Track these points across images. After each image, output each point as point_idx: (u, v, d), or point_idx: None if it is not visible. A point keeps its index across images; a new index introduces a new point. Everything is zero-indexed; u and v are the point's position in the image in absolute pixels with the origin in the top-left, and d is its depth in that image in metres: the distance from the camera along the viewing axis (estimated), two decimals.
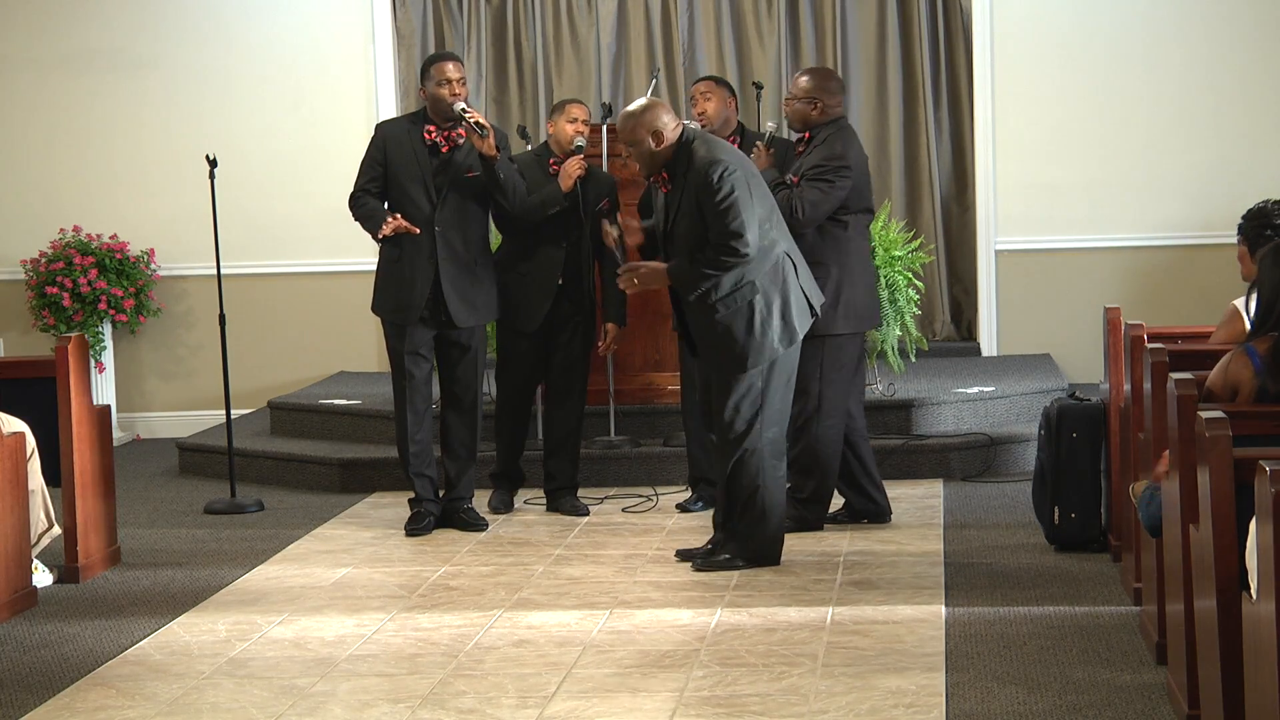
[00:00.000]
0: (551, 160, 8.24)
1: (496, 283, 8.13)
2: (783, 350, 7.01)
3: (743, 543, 7.08)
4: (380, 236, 7.85)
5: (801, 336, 7.08)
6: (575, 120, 8.24)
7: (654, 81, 9.29)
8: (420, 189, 7.89)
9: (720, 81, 8.32)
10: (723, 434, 7.06)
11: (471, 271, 7.95)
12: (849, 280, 7.61)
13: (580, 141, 8.20)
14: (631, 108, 7.11)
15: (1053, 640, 5.99)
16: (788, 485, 7.40)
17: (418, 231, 7.83)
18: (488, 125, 7.81)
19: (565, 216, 8.13)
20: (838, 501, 7.92)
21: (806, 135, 7.70)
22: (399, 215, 7.83)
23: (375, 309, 8.13)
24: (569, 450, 8.36)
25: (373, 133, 8.12)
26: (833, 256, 7.59)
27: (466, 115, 7.79)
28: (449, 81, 7.86)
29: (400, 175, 7.90)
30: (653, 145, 6.99)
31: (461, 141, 7.91)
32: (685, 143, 7.02)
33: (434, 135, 7.91)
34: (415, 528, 7.97)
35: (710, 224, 6.90)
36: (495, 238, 8.42)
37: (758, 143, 7.86)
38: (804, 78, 7.77)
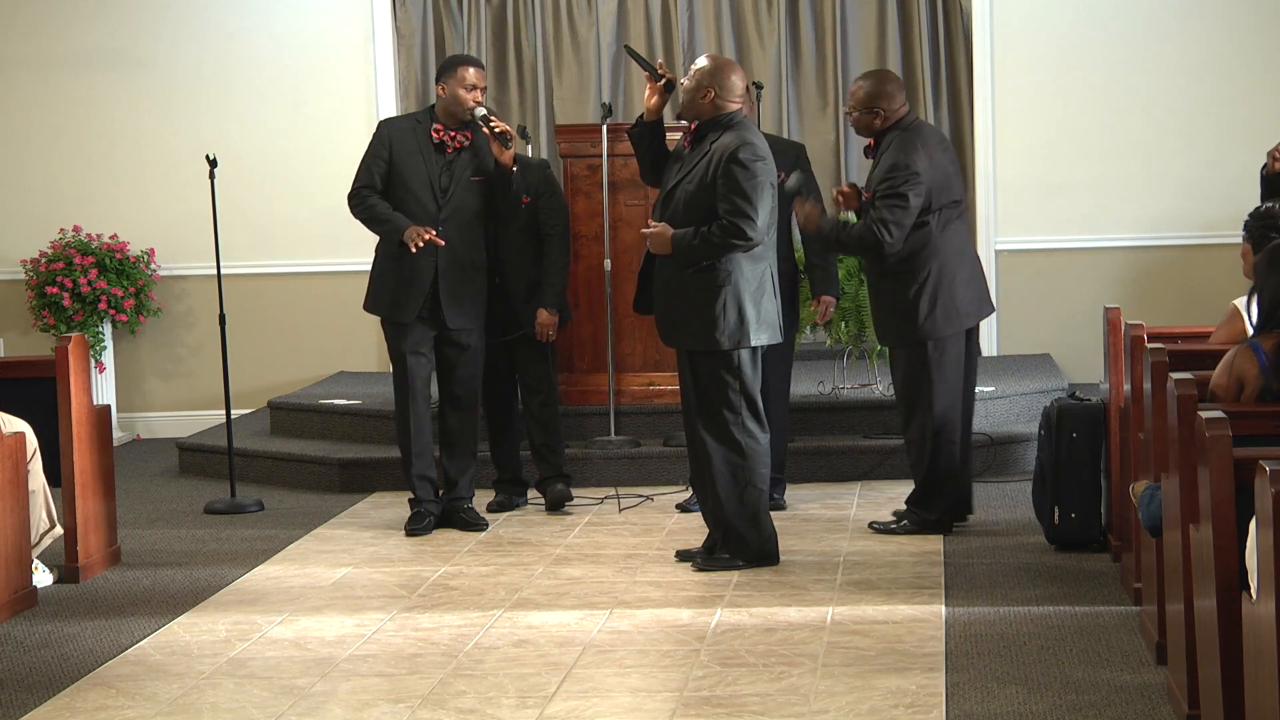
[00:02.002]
0: None
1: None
2: (728, 346, 7.00)
3: (741, 543, 7.09)
4: (415, 249, 7.77)
5: (755, 345, 7.04)
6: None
7: None
8: (425, 188, 7.88)
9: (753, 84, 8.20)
10: (689, 417, 7.16)
11: (467, 273, 7.95)
12: (944, 280, 7.51)
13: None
14: (712, 57, 7.25)
15: (1053, 640, 5.98)
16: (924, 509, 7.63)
17: (443, 244, 7.83)
18: (512, 134, 7.81)
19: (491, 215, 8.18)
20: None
21: (872, 143, 7.62)
22: (432, 231, 7.78)
23: (370, 308, 8.11)
24: (549, 445, 8.35)
25: (375, 129, 8.10)
26: (924, 260, 7.48)
27: (492, 123, 7.78)
28: (475, 88, 7.85)
29: (405, 173, 7.88)
30: (702, 94, 7.06)
31: (468, 144, 7.90)
32: (729, 118, 7.05)
33: (441, 134, 7.90)
34: (415, 527, 7.97)
35: (723, 199, 6.91)
36: None
37: (796, 197, 7.67)
38: (860, 84, 7.62)
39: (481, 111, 7.84)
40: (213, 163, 8.80)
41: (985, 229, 11.04)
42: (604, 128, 8.91)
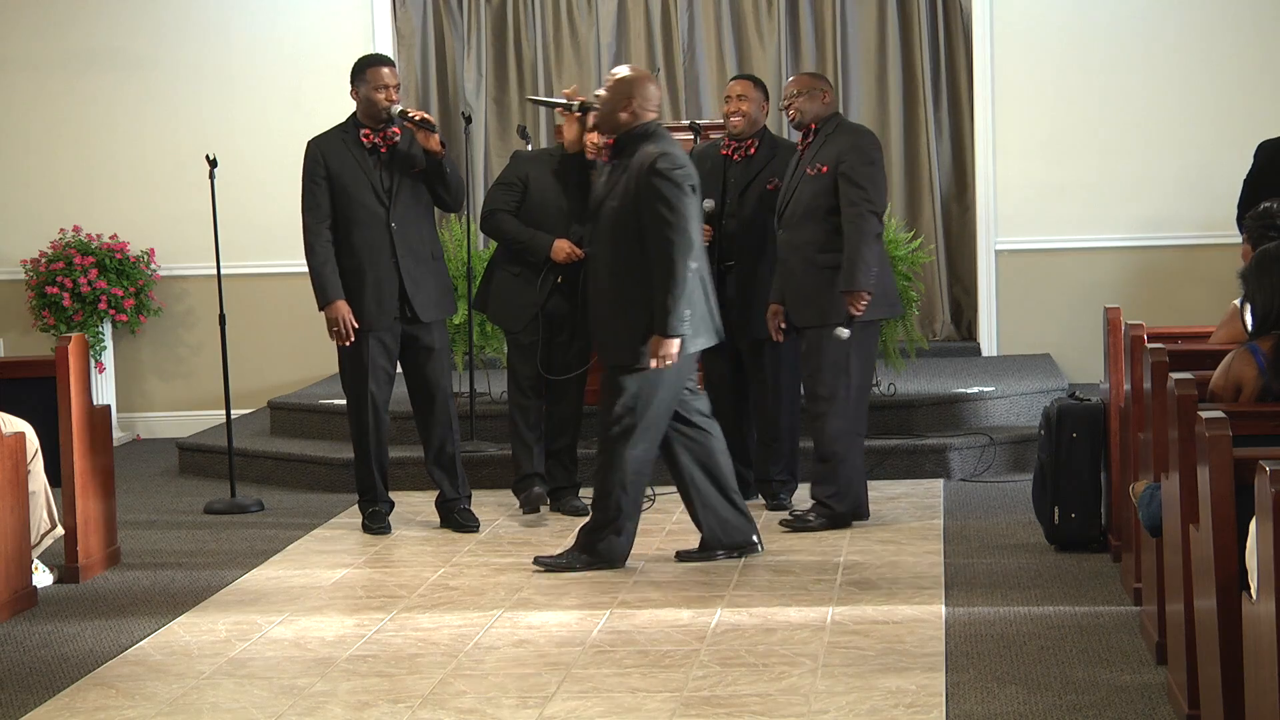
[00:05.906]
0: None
1: (492, 281, 8.19)
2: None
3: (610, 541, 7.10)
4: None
5: (692, 351, 7.01)
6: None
7: None
8: (369, 193, 7.85)
9: (757, 83, 8.17)
10: (602, 433, 7.10)
11: (429, 265, 7.96)
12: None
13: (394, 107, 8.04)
14: (631, 68, 7.23)
15: (1053, 640, 5.99)
16: (826, 494, 7.70)
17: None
18: (433, 120, 7.83)
19: (568, 214, 8.09)
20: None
21: (813, 126, 7.72)
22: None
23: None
24: (567, 451, 8.34)
25: (305, 151, 7.97)
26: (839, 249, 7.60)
27: (410, 115, 7.79)
28: (386, 87, 7.84)
29: (347, 184, 7.85)
30: (620, 105, 7.01)
31: (397, 140, 7.89)
32: (644, 130, 7.02)
33: (372, 138, 7.89)
34: (376, 526, 8.02)
35: (648, 210, 6.85)
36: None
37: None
38: (796, 79, 7.87)
39: (398, 108, 7.84)
40: (213, 163, 8.80)
41: (985, 229, 11.04)
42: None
